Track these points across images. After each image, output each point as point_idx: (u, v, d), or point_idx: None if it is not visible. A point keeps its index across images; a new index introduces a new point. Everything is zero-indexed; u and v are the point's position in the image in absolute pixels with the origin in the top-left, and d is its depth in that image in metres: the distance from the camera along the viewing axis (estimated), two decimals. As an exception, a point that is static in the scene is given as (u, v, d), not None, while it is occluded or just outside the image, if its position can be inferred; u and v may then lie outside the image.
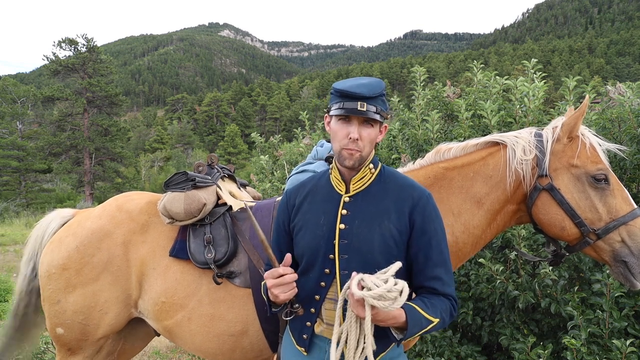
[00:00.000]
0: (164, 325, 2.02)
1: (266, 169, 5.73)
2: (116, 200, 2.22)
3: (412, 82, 3.80)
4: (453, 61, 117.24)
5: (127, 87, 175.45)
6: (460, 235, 1.80)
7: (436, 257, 1.39)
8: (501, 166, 1.78)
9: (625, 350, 2.05)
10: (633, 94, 2.71)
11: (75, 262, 2.03)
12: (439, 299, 1.37)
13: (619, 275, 1.67)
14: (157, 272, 2.02)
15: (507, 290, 2.57)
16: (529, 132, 1.82)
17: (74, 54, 32.45)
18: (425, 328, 1.30)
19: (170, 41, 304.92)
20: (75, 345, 2.10)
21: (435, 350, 2.70)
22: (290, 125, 78.87)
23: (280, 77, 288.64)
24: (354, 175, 1.47)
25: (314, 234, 1.46)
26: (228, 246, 1.98)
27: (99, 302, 2.02)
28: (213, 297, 1.96)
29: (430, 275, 1.38)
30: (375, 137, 1.42)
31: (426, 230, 1.40)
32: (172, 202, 1.99)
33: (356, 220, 1.43)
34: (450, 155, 1.90)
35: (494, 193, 1.79)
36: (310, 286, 1.46)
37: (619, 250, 1.64)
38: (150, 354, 4.41)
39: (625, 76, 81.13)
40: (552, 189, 1.69)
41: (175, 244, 2.03)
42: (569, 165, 1.70)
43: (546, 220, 1.73)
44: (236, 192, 2.34)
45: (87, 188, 31.80)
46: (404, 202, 1.42)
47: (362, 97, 1.36)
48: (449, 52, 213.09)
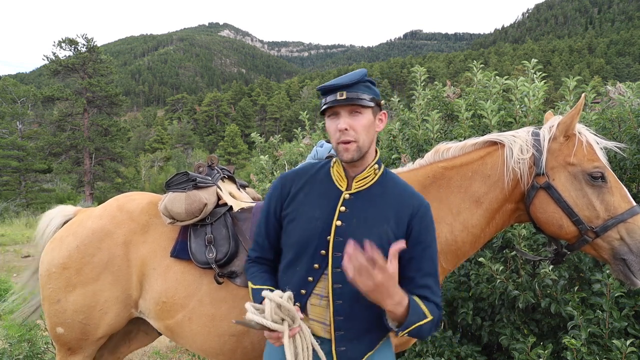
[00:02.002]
0: (165, 324, 2.03)
1: (266, 169, 5.72)
2: (117, 201, 2.22)
3: (412, 82, 3.80)
4: (453, 61, 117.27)
5: (127, 87, 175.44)
6: (460, 233, 1.81)
7: (428, 267, 1.40)
8: (499, 165, 1.79)
9: (625, 350, 2.05)
10: (633, 94, 2.71)
11: (76, 262, 2.03)
12: (430, 304, 1.37)
13: (619, 274, 1.66)
14: (158, 272, 2.02)
15: (507, 290, 2.57)
16: (527, 131, 1.82)
17: (74, 54, 32.45)
18: (421, 321, 1.30)
19: (170, 41, 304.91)
20: (76, 345, 2.10)
21: (435, 350, 2.70)
22: (290, 125, 78.86)
23: (280, 77, 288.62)
24: (359, 174, 1.46)
25: (307, 227, 1.43)
26: (229, 246, 1.98)
27: (99, 302, 2.02)
28: (214, 297, 1.96)
29: (421, 284, 1.39)
30: (368, 124, 1.39)
31: (422, 240, 1.40)
32: (173, 202, 2.00)
33: (354, 219, 1.41)
34: (449, 154, 1.90)
35: (492, 192, 1.80)
36: (297, 280, 1.44)
37: (618, 248, 1.63)
38: (151, 354, 4.41)
39: (625, 76, 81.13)
40: (549, 187, 1.69)
41: (176, 244, 2.03)
42: (566, 163, 1.70)
43: (544, 218, 1.73)
44: (236, 193, 2.34)
45: (87, 188, 31.80)
46: (404, 209, 1.42)
47: (340, 87, 1.37)
48: (449, 52, 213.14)
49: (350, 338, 1.40)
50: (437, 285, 1.42)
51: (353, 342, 1.40)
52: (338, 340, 1.40)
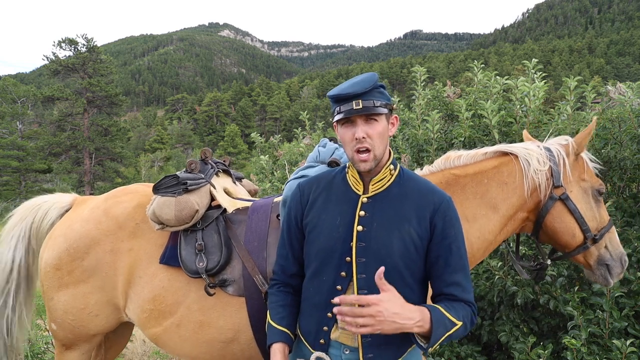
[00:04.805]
0: (151, 332, 1.99)
1: (266, 169, 5.72)
2: (105, 202, 2.14)
3: (412, 82, 3.80)
4: (453, 61, 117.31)
5: (127, 87, 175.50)
6: (476, 240, 1.85)
7: (455, 263, 1.37)
8: (517, 174, 1.87)
9: (625, 351, 2.05)
10: (633, 94, 2.71)
11: (67, 264, 2.02)
12: (459, 304, 1.34)
13: (599, 277, 1.88)
14: (144, 280, 1.96)
15: (506, 287, 2.57)
16: (537, 145, 1.94)
17: (74, 54, 32.48)
18: (449, 331, 1.27)
19: (170, 41, 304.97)
20: (68, 342, 2.12)
21: (435, 350, 2.70)
22: (290, 125, 78.86)
23: (280, 77, 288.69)
24: (374, 177, 1.44)
25: (330, 234, 1.42)
26: (221, 254, 1.89)
27: (89, 305, 2.01)
28: (203, 305, 1.90)
29: (450, 281, 1.36)
30: (383, 131, 1.38)
31: (447, 235, 1.37)
32: (162, 207, 1.87)
33: (375, 223, 1.39)
34: (460, 162, 1.95)
35: (510, 199, 1.87)
36: (326, 290, 1.41)
37: (602, 254, 1.86)
38: (151, 354, 4.40)
39: (625, 76, 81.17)
40: (567, 199, 1.83)
41: (166, 251, 1.96)
42: (580, 179, 1.88)
43: (560, 227, 1.85)
44: (231, 189, 2.24)
45: (87, 188, 31.80)
46: (425, 206, 1.40)
47: (355, 96, 1.34)
48: (449, 52, 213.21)
49: (378, 344, 1.37)
50: (467, 280, 1.38)
51: (381, 348, 1.38)
52: (365, 347, 1.37)
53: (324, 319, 1.42)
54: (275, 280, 1.59)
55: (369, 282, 1.34)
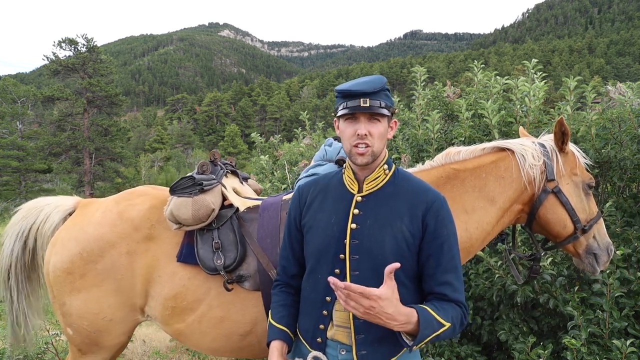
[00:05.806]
0: (174, 328, 2.04)
1: (266, 169, 5.72)
2: (117, 205, 2.15)
3: (412, 82, 3.80)
4: (453, 61, 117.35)
5: (127, 87, 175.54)
6: (474, 231, 1.93)
7: (447, 263, 1.37)
8: (513, 168, 1.96)
9: (626, 351, 2.06)
10: (633, 94, 2.71)
11: (79, 268, 2.02)
12: (450, 305, 1.34)
13: (587, 265, 1.98)
14: (164, 279, 2.01)
15: (506, 285, 2.57)
16: (532, 141, 2.03)
17: (74, 54, 32.50)
18: (437, 331, 1.27)
19: (170, 41, 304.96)
20: (85, 349, 2.11)
21: (435, 350, 2.70)
22: (290, 125, 78.90)
23: (280, 77, 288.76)
24: (368, 175, 1.47)
25: (325, 233, 1.45)
26: (237, 251, 1.96)
27: (103, 309, 2.02)
28: (222, 300, 1.97)
29: (441, 281, 1.37)
30: (384, 132, 1.42)
31: (439, 235, 1.39)
32: (180, 207, 1.95)
33: (368, 221, 1.41)
34: (459, 157, 2.03)
35: (507, 192, 1.96)
36: (322, 288, 1.44)
37: (591, 244, 1.97)
38: (151, 354, 4.40)
39: (625, 76, 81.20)
40: (559, 192, 1.93)
41: (182, 249, 2.01)
42: (572, 173, 1.98)
43: (553, 219, 1.95)
44: (239, 188, 2.31)
45: (87, 188, 31.81)
46: (418, 205, 1.41)
47: (364, 94, 1.37)
48: (449, 52, 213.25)
49: (371, 341, 1.38)
50: (458, 280, 1.39)
51: (374, 345, 1.38)
52: (359, 343, 1.39)
53: (320, 317, 1.45)
54: (278, 280, 1.63)
55: (362, 279, 1.36)
